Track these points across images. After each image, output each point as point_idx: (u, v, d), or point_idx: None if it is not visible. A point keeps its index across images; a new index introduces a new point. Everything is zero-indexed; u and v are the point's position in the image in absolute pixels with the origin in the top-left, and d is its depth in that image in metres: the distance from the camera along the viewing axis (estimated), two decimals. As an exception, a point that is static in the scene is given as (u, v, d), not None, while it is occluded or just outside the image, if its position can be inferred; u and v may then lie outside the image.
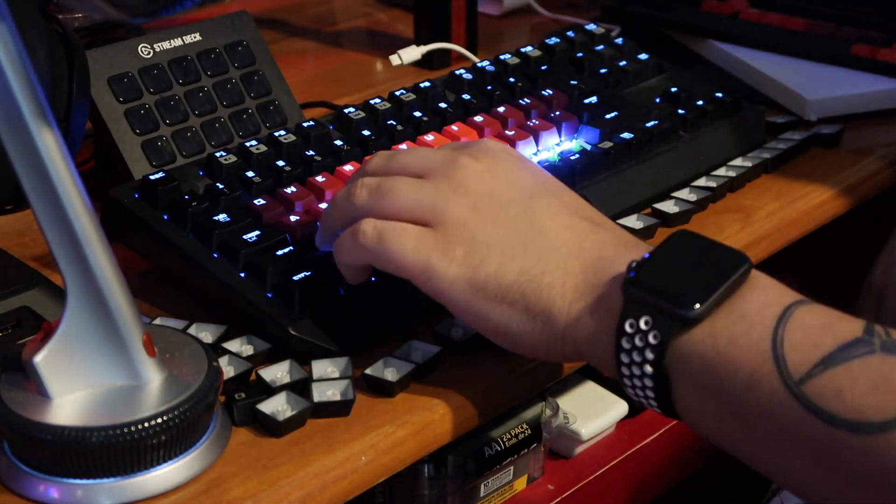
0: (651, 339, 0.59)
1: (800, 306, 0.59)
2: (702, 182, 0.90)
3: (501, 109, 0.92)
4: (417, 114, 0.90)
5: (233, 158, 0.84)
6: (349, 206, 0.69)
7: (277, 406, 0.67)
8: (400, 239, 0.66)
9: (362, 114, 0.90)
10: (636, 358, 0.60)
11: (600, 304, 0.62)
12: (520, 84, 0.95)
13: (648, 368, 0.60)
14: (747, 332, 0.58)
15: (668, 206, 0.87)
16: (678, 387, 0.60)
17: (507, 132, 0.89)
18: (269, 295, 0.73)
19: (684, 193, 0.89)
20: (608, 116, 0.92)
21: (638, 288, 0.60)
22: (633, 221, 0.85)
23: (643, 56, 1.02)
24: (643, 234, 0.84)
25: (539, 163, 0.87)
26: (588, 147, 0.89)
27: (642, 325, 0.59)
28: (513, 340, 0.65)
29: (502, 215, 0.66)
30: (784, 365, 0.56)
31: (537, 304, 0.64)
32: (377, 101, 0.92)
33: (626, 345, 0.60)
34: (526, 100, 0.93)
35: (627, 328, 0.60)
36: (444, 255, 0.65)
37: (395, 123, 0.89)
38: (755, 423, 0.58)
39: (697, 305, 0.58)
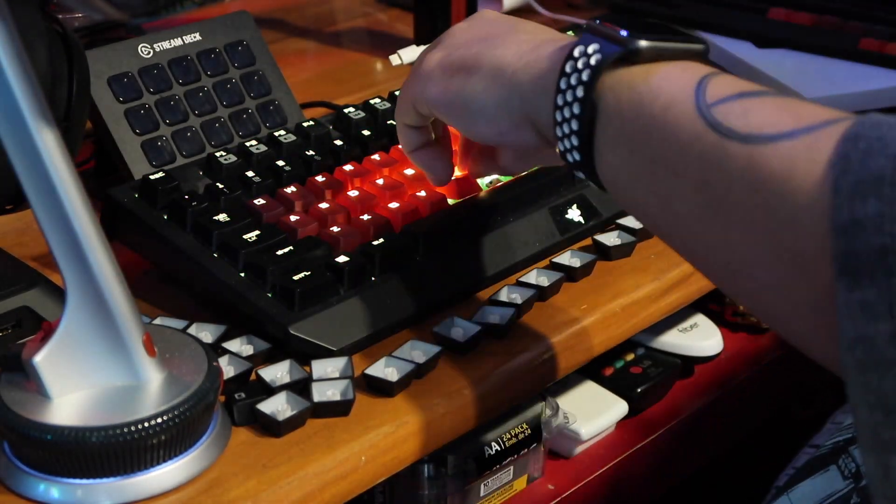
0: (592, 62, 0.61)
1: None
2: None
3: (501, 109, 0.91)
4: (417, 114, 0.90)
5: (233, 158, 0.84)
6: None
7: (277, 406, 0.67)
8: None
9: (362, 114, 0.90)
10: (573, 82, 0.61)
11: (554, 49, 0.65)
12: (520, 84, 0.95)
13: (580, 91, 0.61)
14: (681, 74, 0.59)
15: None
16: (601, 121, 0.61)
17: (507, 132, 0.89)
18: (269, 295, 0.73)
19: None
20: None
21: (598, 23, 0.62)
22: (632, 221, 0.85)
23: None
24: (643, 233, 0.84)
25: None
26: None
27: (589, 51, 0.61)
28: (480, 112, 0.68)
29: (487, 25, 0.71)
30: (702, 93, 0.58)
31: (490, 62, 0.67)
32: (377, 101, 0.92)
33: (568, 69, 0.62)
34: (526, 100, 0.93)
35: (575, 53, 0.62)
36: (422, 64, 0.72)
37: (395, 123, 0.89)
38: (657, 148, 0.58)
39: (644, 42, 0.60)
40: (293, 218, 0.78)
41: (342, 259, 0.74)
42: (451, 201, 0.82)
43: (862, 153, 0.51)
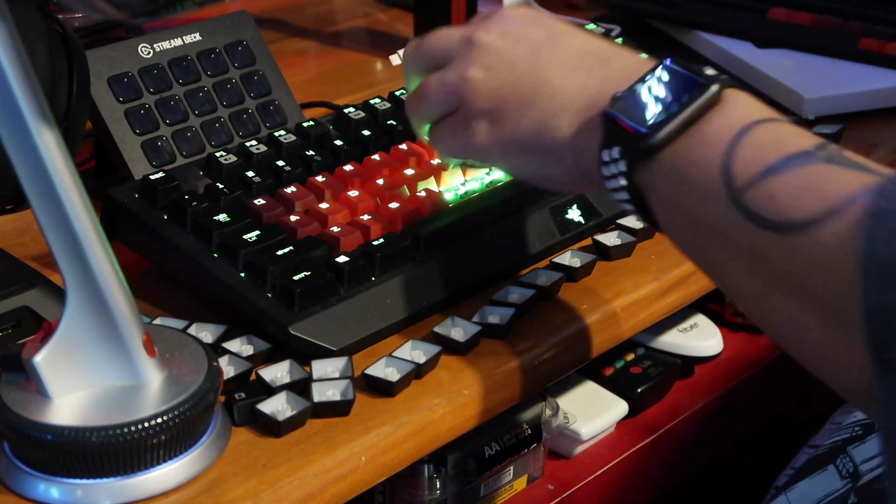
0: (622, 167, 0.63)
1: (760, 125, 0.60)
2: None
3: (501, 109, 0.91)
4: (417, 114, 0.90)
5: (233, 158, 0.84)
6: (411, 114, 0.77)
7: (277, 406, 0.67)
8: (440, 147, 0.75)
9: (362, 114, 0.90)
10: (614, 184, 0.64)
11: (592, 136, 0.66)
12: (520, 84, 0.95)
13: (624, 194, 0.64)
14: (705, 153, 0.60)
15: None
16: (653, 205, 0.64)
17: (507, 132, 0.88)
18: (269, 295, 0.73)
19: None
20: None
21: (610, 120, 0.64)
22: (632, 221, 0.85)
23: (643, 56, 1.01)
24: (642, 234, 0.84)
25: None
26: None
27: (615, 155, 0.63)
28: (548, 181, 0.71)
29: (510, 76, 0.70)
30: (731, 178, 0.59)
31: (551, 145, 0.68)
32: (377, 101, 0.92)
33: (606, 172, 0.64)
34: (526, 100, 0.93)
35: (605, 157, 0.64)
36: (472, 135, 0.71)
37: (395, 123, 0.89)
38: (707, 235, 0.61)
39: (661, 134, 0.61)
40: (293, 218, 0.78)
41: (342, 259, 0.74)
42: (450, 201, 0.82)
43: (888, 234, 0.52)
